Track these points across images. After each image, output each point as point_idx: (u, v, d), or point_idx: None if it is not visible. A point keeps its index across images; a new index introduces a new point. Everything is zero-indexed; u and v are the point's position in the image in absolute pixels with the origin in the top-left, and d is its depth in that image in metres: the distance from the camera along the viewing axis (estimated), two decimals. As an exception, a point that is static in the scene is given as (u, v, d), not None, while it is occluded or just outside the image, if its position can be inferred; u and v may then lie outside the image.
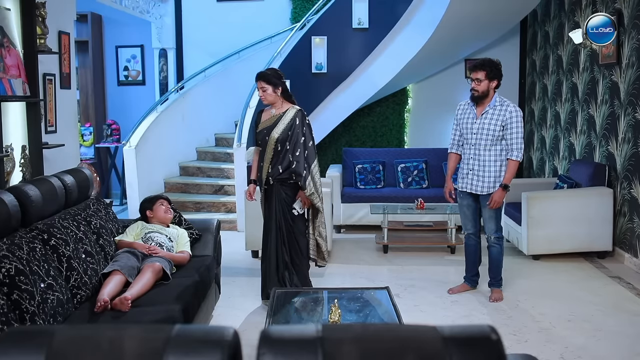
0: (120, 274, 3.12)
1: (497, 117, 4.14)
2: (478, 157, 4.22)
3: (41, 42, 4.24)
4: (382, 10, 7.48)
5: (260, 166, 4.20)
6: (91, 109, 8.73)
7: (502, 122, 4.12)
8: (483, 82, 4.12)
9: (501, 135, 4.15)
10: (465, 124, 4.27)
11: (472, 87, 4.18)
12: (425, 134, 8.48)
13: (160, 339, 1.06)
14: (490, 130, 4.14)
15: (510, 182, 4.21)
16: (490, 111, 4.17)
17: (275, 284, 4.10)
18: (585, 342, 3.58)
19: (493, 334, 1.09)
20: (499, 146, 4.17)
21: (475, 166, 4.24)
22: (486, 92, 4.15)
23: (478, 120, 4.20)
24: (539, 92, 7.71)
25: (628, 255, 5.22)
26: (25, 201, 2.88)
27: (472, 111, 4.24)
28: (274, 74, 4.20)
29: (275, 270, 4.16)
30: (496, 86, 4.17)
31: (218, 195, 7.31)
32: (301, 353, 1.03)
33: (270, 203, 4.19)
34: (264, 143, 4.14)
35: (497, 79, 4.17)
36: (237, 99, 7.68)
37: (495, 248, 4.36)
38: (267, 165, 4.13)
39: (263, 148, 4.16)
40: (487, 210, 4.28)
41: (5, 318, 2.27)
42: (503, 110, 4.14)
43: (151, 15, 8.38)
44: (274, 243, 4.17)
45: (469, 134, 4.24)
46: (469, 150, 4.26)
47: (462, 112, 4.33)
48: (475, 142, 4.21)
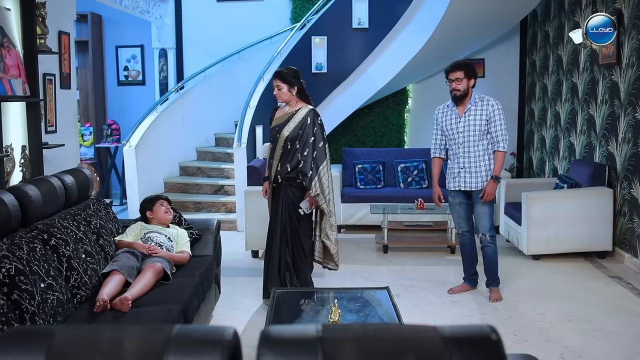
0: (120, 273, 3.12)
1: (481, 112, 4.25)
2: (468, 153, 4.29)
3: (41, 42, 4.24)
4: (382, 10, 7.49)
5: (270, 163, 4.20)
6: (91, 109, 8.73)
7: (487, 116, 4.25)
8: (463, 81, 4.24)
9: (486, 130, 4.26)
10: (449, 126, 4.35)
11: (452, 87, 4.27)
12: (425, 134, 8.47)
13: (160, 339, 1.06)
14: (476, 126, 4.25)
15: (500, 172, 4.29)
16: (473, 108, 4.27)
17: (276, 284, 4.09)
18: (585, 342, 3.58)
19: (493, 334, 1.09)
20: (485, 140, 4.28)
21: (466, 163, 4.30)
22: (467, 91, 4.26)
23: (462, 119, 4.28)
24: (539, 92, 7.71)
25: (628, 255, 5.22)
26: (25, 201, 2.88)
27: (454, 112, 4.33)
28: (291, 73, 4.14)
29: (277, 270, 4.15)
30: (473, 85, 4.30)
31: (218, 195, 7.31)
32: (301, 353, 1.03)
33: (277, 202, 4.17)
34: (275, 140, 4.13)
35: (474, 77, 4.31)
36: (237, 99, 7.68)
37: (490, 247, 4.37)
38: (276, 163, 4.12)
39: (274, 145, 4.14)
40: (481, 206, 4.30)
41: (5, 318, 2.27)
42: (485, 105, 4.26)
43: (151, 15, 8.38)
44: (277, 243, 4.15)
45: (455, 134, 4.32)
46: (458, 150, 4.33)
47: (442, 115, 4.42)
48: (463, 140, 4.29)
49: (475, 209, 4.36)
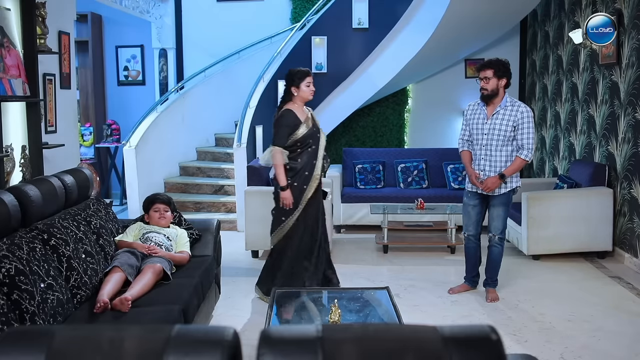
0: (120, 271, 3.13)
1: (509, 117, 4.09)
2: (489, 157, 4.17)
3: (41, 42, 4.23)
4: (382, 10, 7.48)
5: (313, 164, 4.17)
6: (91, 109, 8.73)
7: (514, 123, 4.08)
8: (492, 80, 4.07)
9: (512, 136, 4.11)
10: (475, 125, 4.22)
11: (481, 86, 4.13)
12: (425, 134, 8.49)
13: (160, 339, 1.06)
14: (501, 131, 4.10)
15: (510, 175, 4.15)
16: (502, 111, 4.12)
17: (316, 280, 4.20)
18: (585, 342, 3.58)
19: (493, 334, 1.09)
20: (509, 147, 4.13)
21: (486, 167, 4.19)
22: (496, 91, 4.09)
23: (489, 121, 4.15)
24: (539, 92, 7.72)
25: (628, 255, 5.22)
26: (25, 201, 2.87)
27: (483, 112, 4.20)
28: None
29: (314, 267, 4.23)
30: (506, 85, 4.12)
31: (218, 195, 7.31)
32: (301, 353, 1.03)
33: (318, 199, 4.22)
34: (316, 140, 4.18)
35: (506, 77, 4.12)
36: (237, 99, 7.68)
37: (497, 249, 4.35)
38: (320, 162, 4.20)
39: (316, 145, 4.18)
40: (496, 209, 4.26)
41: (5, 318, 2.27)
42: (514, 111, 4.10)
43: (151, 15, 8.38)
44: (318, 239, 4.23)
45: (480, 135, 4.19)
46: (480, 151, 4.21)
47: (471, 112, 4.28)
48: (486, 143, 4.17)
49: (491, 210, 4.31)
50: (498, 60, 4.14)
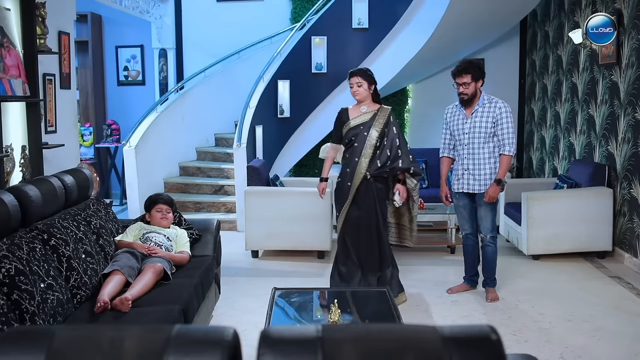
0: (120, 273, 3.12)
1: (488, 114, 4.20)
2: (472, 155, 4.26)
3: (41, 42, 4.23)
4: (382, 11, 7.49)
5: (355, 161, 4.16)
6: (91, 109, 8.73)
7: (493, 119, 4.19)
8: (470, 85, 4.17)
9: (493, 132, 4.20)
10: (456, 126, 4.33)
11: (460, 92, 4.22)
12: (425, 134, 8.49)
13: (160, 339, 1.06)
14: (482, 128, 4.20)
15: (504, 176, 4.25)
16: (480, 109, 4.22)
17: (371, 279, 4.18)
18: (585, 342, 3.58)
19: (493, 334, 1.09)
20: (491, 143, 4.23)
21: (470, 165, 4.27)
22: (474, 94, 4.21)
23: (469, 120, 4.25)
24: (539, 92, 7.72)
25: (628, 255, 5.22)
26: (25, 201, 2.88)
27: (462, 112, 4.30)
28: (368, 71, 4.31)
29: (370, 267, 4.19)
30: (481, 85, 4.23)
31: (218, 195, 7.31)
32: (301, 353, 1.03)
33: (365, 198, 4.18)
34: (362, 139, 4.17)
35: (482, 77, 4.23)
36: (237, 99, 7.68)
37: (490, 247, 4.37)
38: (365, 161, 4.15)
39: (360, 144, 4.17)
40: (483, 208, 4.30)
41: (5, 318, 2.27)
42: (492, 107, 4.20)
43: (151, 15, 8.38)
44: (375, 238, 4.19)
45: (461, 135, 4.29)
46: (463, 151, 4.30)
47: (451, 115, 4.39)
48: (468, 142, 4.26)
49: (478, 210, 4.35)
50: (473, 64, 4.24)
